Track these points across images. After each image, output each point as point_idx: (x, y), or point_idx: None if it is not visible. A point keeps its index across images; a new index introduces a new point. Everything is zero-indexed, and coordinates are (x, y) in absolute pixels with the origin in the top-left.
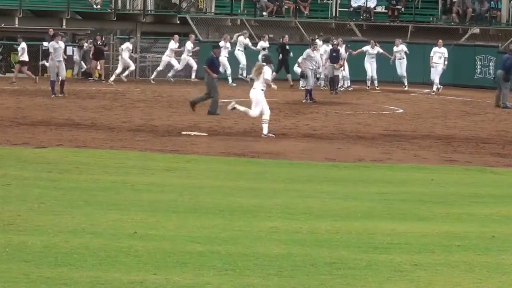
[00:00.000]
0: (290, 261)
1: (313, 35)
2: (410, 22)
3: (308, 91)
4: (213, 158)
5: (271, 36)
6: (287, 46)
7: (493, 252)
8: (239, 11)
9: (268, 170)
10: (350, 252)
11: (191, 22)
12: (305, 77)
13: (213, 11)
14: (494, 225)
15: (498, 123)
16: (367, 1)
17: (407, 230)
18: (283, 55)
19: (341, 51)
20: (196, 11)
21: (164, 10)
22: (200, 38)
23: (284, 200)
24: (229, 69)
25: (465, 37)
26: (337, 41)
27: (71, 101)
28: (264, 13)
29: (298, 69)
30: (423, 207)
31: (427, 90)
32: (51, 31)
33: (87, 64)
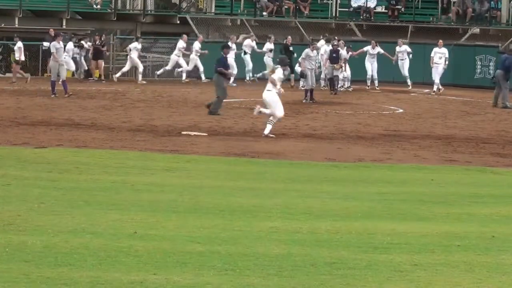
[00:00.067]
0: (290, 261)
1: (313, 35)
2: (410, 22)
3: (308, 91)
4: (213, 158)
5: (271, 36)
6: (290, 47)
7: (493, 252)
8: (239, 11)
9: (268, 170)
10: (350, 252)
11: (191, 22)
12: (304, 77)
13: (213, 11)
14: (494, 225)
15: (498, 123)
16: (367, 1)
17: (407, 230)
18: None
19: (341, 52)
20: (196, 11)
21: (164, 10)
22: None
23: (284, 200)
24: (235, 69)
25: (465, 37)
26: (338, 42)
27: (71, 101)
28: (264, 13)
29: (299, 68)
30: (423, 207)
31: (427, 90)
32: (52, 31)
33: (88, 64)
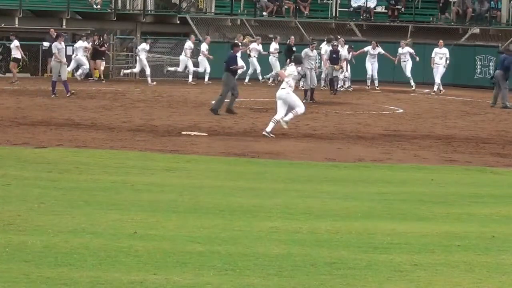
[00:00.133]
0: (290, 261)
1: (313, 35)
2: (410, 22)
3: (307, 91)
4: (213, 158)
5: (271, 36)
6: (293, 47)
7: (493, 252)
8: (239, 11)
9: (268, 170)
10: (350, 252)
11: (191, 22)
12: (304, 77)
13: (213, 11)
14: (494, 225)
15: (498, 123)
16: (367, 1)
17: (407, 230)
18: (289, 56)
19: (341, 53)
20: (196, 11)
21: (164, 10)
22: (200, 38)
23: (284, 200)
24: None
25: (465, 37)
26: (337, 43)
27: (71, 101)
28: (264, 13)
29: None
30: (423, 207)
31: (427, 90)
32: (52, 31)
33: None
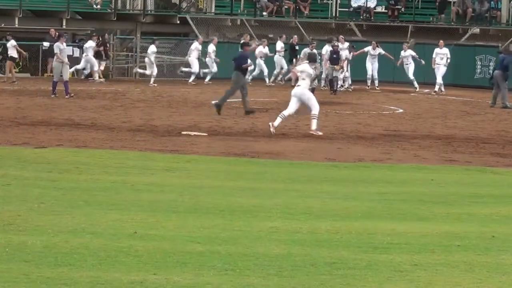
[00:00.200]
0: (290, 261)
1: (313, 35)
2: (410, 22)
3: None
4: (213, 158)
5: (271, 36)
6: (296, 46)
7: (493, 252)
8: (239, 11)
9: (268, 170)
10: (350, 252)
11: (191, 22)
12: None
13: (213, 11)
14: (494, 225)
15: (498, 123)
16: (367, 1)
17: (407, 230)
18: (292, 55)
19: (342, 53)
20: (196, 11)
21: (164, 10)
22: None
23: (284, 200)
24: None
25: (465, 37)
26: (338, 43)
27: (71, 101)
28: (264, 13)
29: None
30: (423, 207)
31: (427, 90)
32: (52, 31)
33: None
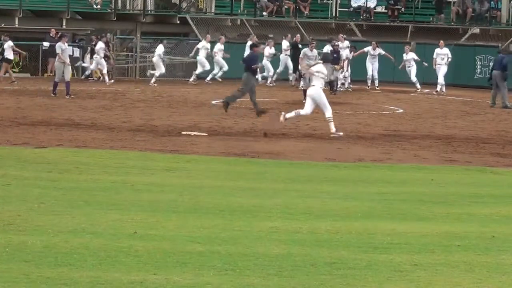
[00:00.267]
0: (290, 261)
1: (313, 35)
2: (410, 22)
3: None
4: (213, 158)
5: (271, 36)
6: (299, 45)
7: (493, 252)
8: (239, 11)
9: (268, 170)
10: (350, 252)
11: (191, 22)
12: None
13: (213, 11)
14: (494, 225)
15: (498, 123)
16: (367, 1)
17: (407, 230)
18: (295, 54)
19: (342, 52)
20: (196, 11)
21: (164, 10)
22: (200, 38)
23: (284, 200)
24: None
25: (465, 37)
26: (338, 42)
27: (71, 101)
28: (264, 13)
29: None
30: (423, 207)
31: (427, 90)
32: (53, 31)
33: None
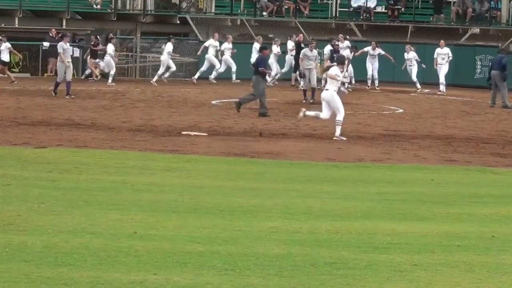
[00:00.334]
0: (290, 261)
1: (313, 35)
2: (410, 22)
3: (305, 91)
4: (213, 158)
5: (271, 36)
6: (302, 45)
7: (493, 252)
8: (239, 11)
9: (268, 170)
10: (350, 252)
11: (191, 22)
12: (303, 77)
13: (213, 11)
14: (494, 225)
15: (498, 123)
16: (367, 1)
17: (407, 230)
18: (297, 54)
19: (342, 53)
20: (196, 11)
21: (164, 10)
22: (200, 38)
23: (284, 200)
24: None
25: (465, 37)
26: (338, 42)
27: (71, 101)
28: (264, 13)
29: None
30: (423, 207)
31: (427, 90)
32: (54, 31)
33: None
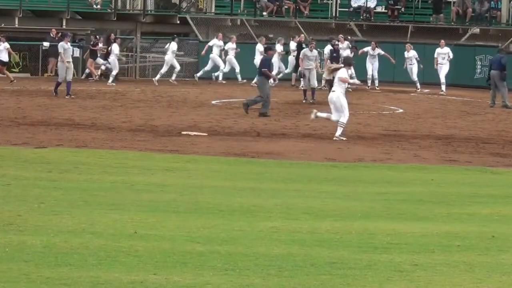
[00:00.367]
0: (290, 261)
1: (313, 35)
2: (410, 22)
3: (305, 91)
4: (213, 158)
5: (271, 36)
6: (303, 45)
7: (493, 252)
8: (239, 11)
9: (268, 170)
10: (350, 252)
11: (191, 22)
12: (303, 77)
13: (213, 11)
14: (494, 225)
15: (498, 123)
16: (367, 1)
17: (407, 230)
18: (298, 54)
19: (342, 52)
20: (196, 11)
21: (164, 10)
22: (200, 38)
23: (284, 200)
24: (282, 68)
25: (465, 37)
26: (338, 41)
27: (71, 101)
28: (264, 13)
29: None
30: (423, 207)
31: (427, 90)
32: (54, 31)
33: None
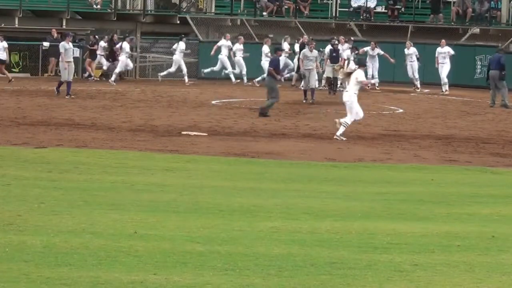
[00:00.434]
0: (290, 261)
1: (313, 35)
2: (410, 22)
3: (305, 91)
4: (213, 158)
5: (271, 36)
6: (306, 46)
7: (493, 252)
8: (239, 11)
9: (268, 170)
10: (350, 252)
11: (191, 22)
12: (303, 77)
13: (213, 11)
14: (494, 225)
15: (498, 123)
16: (367, 1)
17: (407, 230)
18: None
19: (341, 52)
20: (196, 11)
21: (164, 10)
22: (200, 38)
23: (284, 200)
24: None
25: (465, 37)
26: (337, 41)
27: (71, 101)
28: (264, 13)
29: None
30: (423, 207)
31: (427, 90)
32: (54, 31)
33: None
